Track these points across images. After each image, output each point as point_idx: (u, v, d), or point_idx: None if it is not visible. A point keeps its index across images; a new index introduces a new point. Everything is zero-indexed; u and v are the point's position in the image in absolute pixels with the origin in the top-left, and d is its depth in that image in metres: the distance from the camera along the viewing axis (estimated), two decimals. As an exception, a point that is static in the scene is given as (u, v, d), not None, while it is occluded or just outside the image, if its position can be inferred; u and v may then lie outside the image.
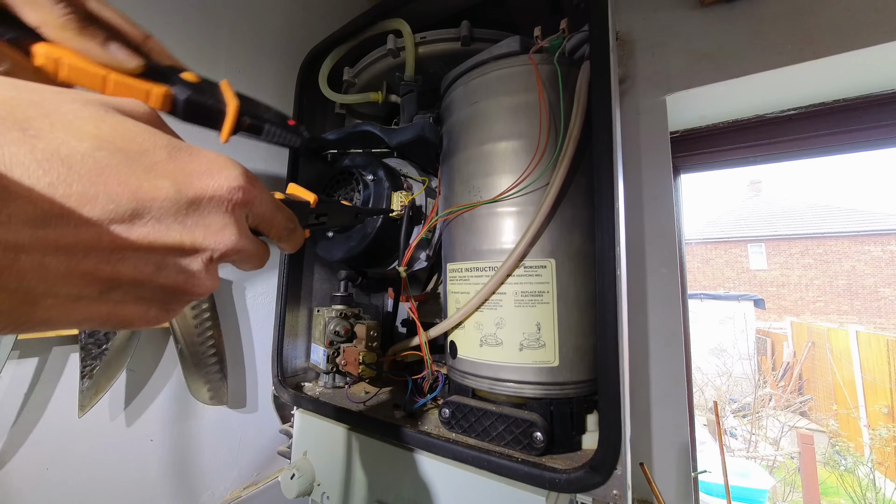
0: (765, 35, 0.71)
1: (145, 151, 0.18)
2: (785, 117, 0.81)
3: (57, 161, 0.15)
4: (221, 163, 0.21)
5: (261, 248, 0.25)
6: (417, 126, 0.58)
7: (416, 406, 0.58)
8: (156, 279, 0.19)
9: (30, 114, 0.16)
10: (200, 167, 0.20)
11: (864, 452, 4.23)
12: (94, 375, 0.54)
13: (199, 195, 0.20)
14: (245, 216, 0.23)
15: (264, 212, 0.24)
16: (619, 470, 0.39)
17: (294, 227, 0.28)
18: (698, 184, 40.49)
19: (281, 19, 0.85)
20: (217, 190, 0.20)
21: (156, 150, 0.19)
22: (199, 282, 0.21)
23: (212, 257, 0.21)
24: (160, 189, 0.18)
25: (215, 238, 0.20)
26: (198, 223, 0.20)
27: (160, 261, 0.19)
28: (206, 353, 0.65)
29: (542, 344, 0.47)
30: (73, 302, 0.17)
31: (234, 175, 0.21)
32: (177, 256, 0.20)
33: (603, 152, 0.43)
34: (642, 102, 0.79)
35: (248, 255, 0.23)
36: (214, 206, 0.21)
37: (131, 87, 0.28)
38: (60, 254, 0.16)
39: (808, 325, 6.16)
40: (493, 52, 0.55)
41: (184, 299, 0.22)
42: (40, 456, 0.52)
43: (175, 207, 0.19)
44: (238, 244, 0.22)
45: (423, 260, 0.65)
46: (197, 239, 0.20)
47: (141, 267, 0.18)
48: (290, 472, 0.61)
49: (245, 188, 0.22)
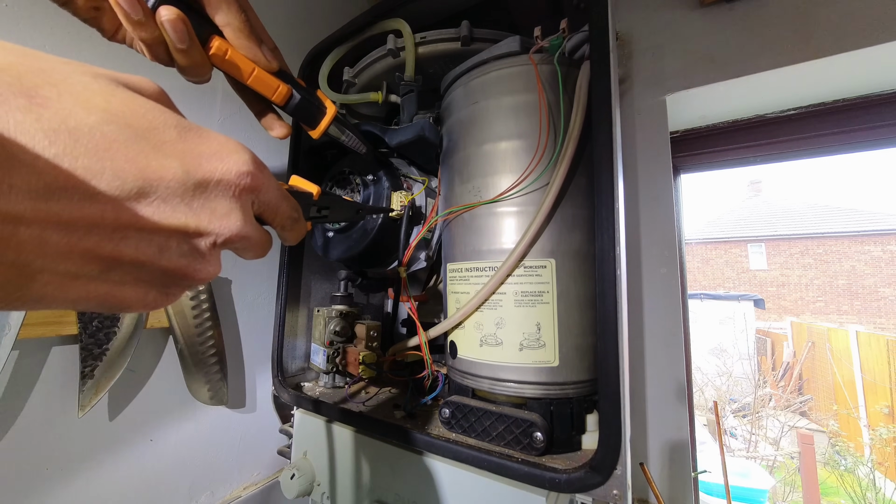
0: (765, 35, 0.70)
1: (155, 129, 0.18)
2: (785, 117, 0.81)
3: (64, 132, 0.15)
4: (231, 147, 0.21)
5: (264, 237, 0.25)
6: (417, 126, 0.58)
7: (416, 406, 0.58)
8: (157, 261, 0.19)
9: (37, 81, 0.15)
10: (210, 149, 0.20)
11: (865, 452, 4.23)
12: (95, 375, 0.54)
13: (206, 178, 0.19)
14: (251, 203, 0.23)
15: (270, 199, 0.24)
16: (619, 470, 0.39)
17: (298, 217, 0.28)
18: (698, 184, 40.51)
19: (281, 19, 0.85)
20: (225, 174, 0.20)
21: (166, 128, 0.19)
22: (202, 266, 0.21)
23: (215, 242, 0.20)
24: (168, 169, 0.18)
25: (220, 223, 0.20)
26: (204, 206, 0.19)
27: (163, 242, 0.19)
28: (206, 352, 0.65)
29: (542, 344, 0.47)
30: (71, 279, 0.16)
31: (243, 160, 0.21)
32: (180, 239, 0.19)
33: (603, 152, 0.43)
34: (642, 102, 0.79)
35: (252, 243, 0.23)
36: (222, 191, 0.20)
37: (267, 82, 0.36)
38: (61, 229, 0.15)
39: (808, 325, 6.16)
40: (493, 51, 0.55)
41: (184, 284, 0.21)
42: (39, 456, 0.52)
43: (182, 189, 0.18)
44: (243, 230, 0.21)
45: (423, 260, 0.65)
46: (202, 222, 0.19)
47: (143, 248, 0.18)
48: (290, 472, 0.61)
49: (253, 174, 0.22)
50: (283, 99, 0.37)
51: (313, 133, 0.42)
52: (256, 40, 0.34)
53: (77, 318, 0.53)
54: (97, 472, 0.57)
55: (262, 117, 0.41)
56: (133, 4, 0.28)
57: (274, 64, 0.35)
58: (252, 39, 0.33)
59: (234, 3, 0.32)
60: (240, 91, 0.38)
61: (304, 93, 0.39)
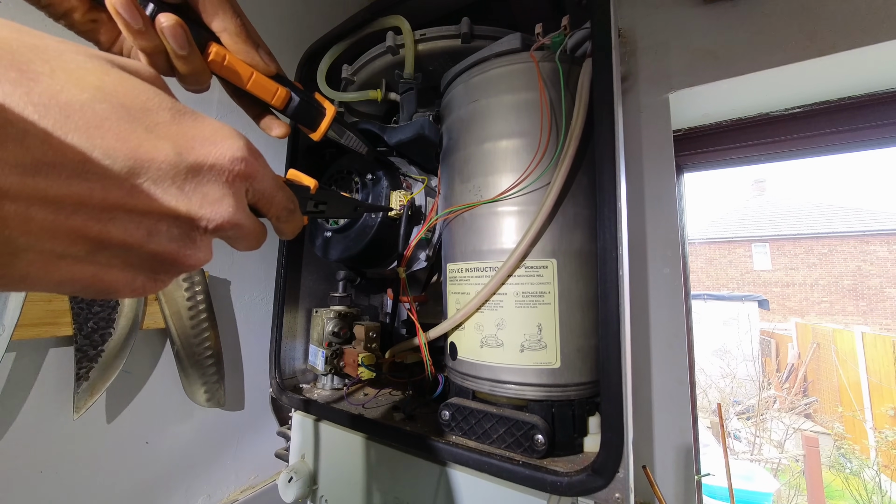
0: (769, 32, 0.70)
1: (148, 110, 0.18)
2: (790, 115, 0.80)
3: (55, 107, 0.15)
4: (226, 132, 0.21)
5: (257, 227, 0.24)
6: (417, 124, 0.58)
7: (416, 408, 0.58)
8: (146, 245, 0.18)
9: (31, 57, 0.15)
10: (204, 133, 0.20)
11: (870, 455, 4.19)
12: (90, 377, 0.54)
13: (199, 162, 0.19)
14: (245, 190, 0.22)
15: (265, 188, 0.24)
16: (622, 473, 0.39)
17: (294, 210, 0.28)
18: (701, 183, 40.43)
19: (278, 16, 0.84)
20: (219, 158, 0.20)
21: (160, 110, 0.18)
22: (192, 252, 0.20)
23: (206, 227, 0.20)
24: (160, 150, 0.18)
25: (212, 208, 0.20)
26: (195, 191, 0.19)
27: (152, 226, 0.18)
28: (202, 354, 0.64)
29: (544, 345, 0.46)
30: (57, 259, 0.16)
31: (237, 146, 0.21)
32: (170, 223, 0.19)
33: (605, 151, 0.43)
34: (645, 100, 0.79)
35: (244, 233, 0.22)
36: (214, 176, 0.20)
37: (265, 86, 0.36)
38: (48, 206, 0.15)
39: (812, 326, 6.12)
40: (493, 49, 0.54)
41: (174, 269, 0.21)
42: (34, 458, 0.52)
43: (174, 171, 0.18)
44: (234, 217, 0.21)
45: (423, 260, 0.64)
46: (193, 207, 0.19)
47: (132, 230, 0.17)
48: (288, 475, 0.60)
49: (248, 160, 0.21)
50: (283, 102, 0.37)
51: (314, 135, 0.42)
52: (254, 45, 0.34)
53: (72, 319, 0.53)
54: (92, 474, 0.57)
55: (259, 120, 0.41)
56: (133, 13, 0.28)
57: (272, 67, 0.36)
58: (249, 44, 0.34)
59: (229, 8, 0.32)
60: (237, 97, 0.38)
61: (302, 95, 0.39)
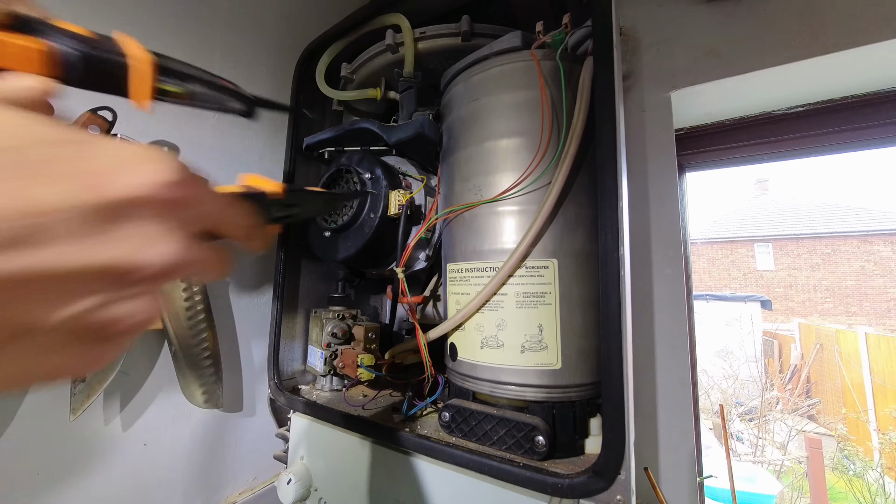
0: (772, 30, 0.69)
1: (26, 149, 0.14)
2: (793, 114, 0.79)
3: None
4: (141, 154, 0.16)
5: (216, 256, 0.20)
6: (417, 123, 0.58)
7: (416, 409, 0.57)
8: (69, 321, 0.14)
9: None
10: (111, 161, 0.15)
11: (874, 457, 4.17)
12: (87, 378, 0.53)
13: (113, 199, 0.15)
14: (187, 220, 0.18)
15: (211, 210, 0.20)
16: (623, 475, 0.38)
17: (254, 223, 0.24)
18: (704, 182, 40.36)
19: (278, 14, 0.84)
20: (137, 189, 0.15)
21: (44, 146, 0.14)
22: (132, 312, 0.16)
23: (145, 277, 0.16)
24: (58, 195, 0.14)
25: (150, 252, 0.16)
26: (120, 236, 0.15)
27: (68, 295, 0.14)
28: (200, 355, 0.64)
29: (545, 346, 0.46)
30: None
31: (157, 169, 0.16)
32: (94, 284, 0.15)
33: (606, 150, 0.42)
34: (646, 99, 0.78)
35: (202, 268, 0.19)
36: (139, 212, 0.16)
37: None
38: None
39: (816, 326, 6.09)
40: (494, 47, 0.54)
41: (119, 340, 0.17)
42: (31, 461, 0.52)
43: (80, 218, 0.14)
44: (182, 256, 0.17)
45: (423, 260, 0.64)
46: (120, 256, 0.15)
47: (44, 308, 0.14)
48: (287, 476, 0.60)
49: (175, 184, 0.17)
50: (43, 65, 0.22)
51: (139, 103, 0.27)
52: None
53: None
54: (89, 477, 0.57)
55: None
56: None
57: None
58: None
59: None
60: None
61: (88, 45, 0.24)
